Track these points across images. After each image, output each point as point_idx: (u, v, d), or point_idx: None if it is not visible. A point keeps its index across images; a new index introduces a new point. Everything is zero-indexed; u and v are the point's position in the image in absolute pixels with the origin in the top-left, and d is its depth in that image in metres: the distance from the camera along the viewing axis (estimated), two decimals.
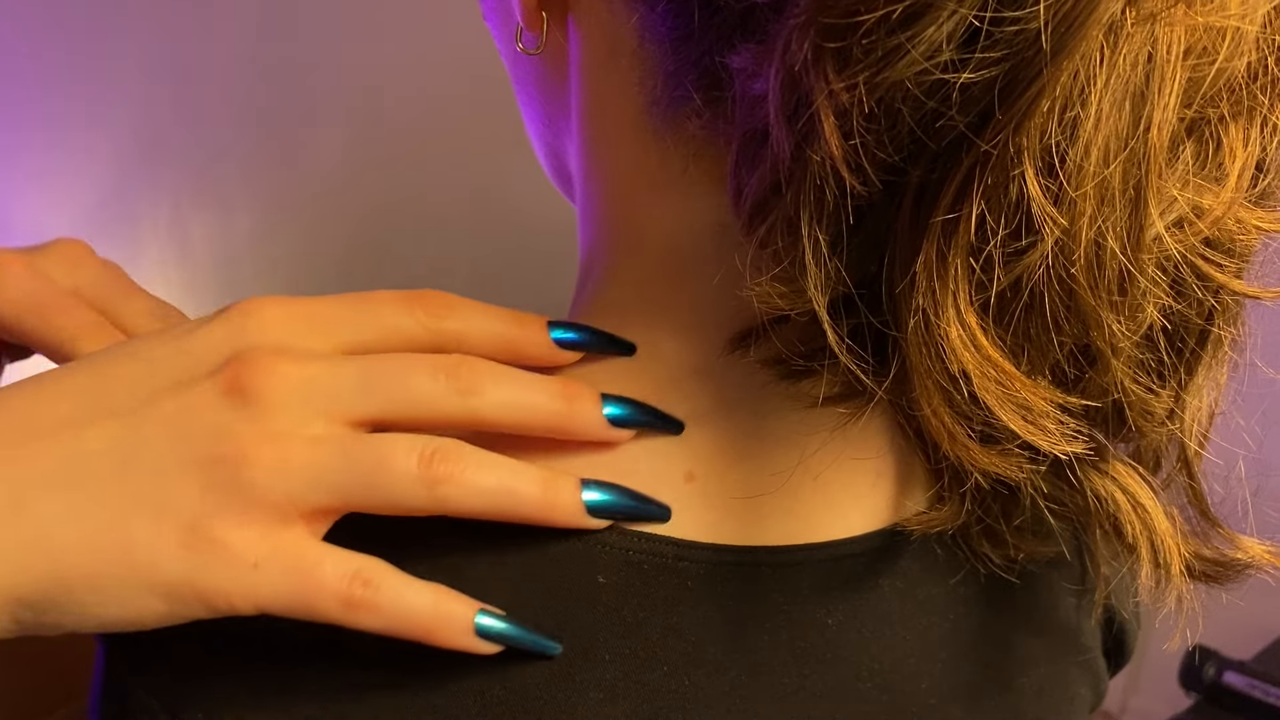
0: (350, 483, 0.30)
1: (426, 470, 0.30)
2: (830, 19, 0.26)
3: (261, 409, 0.30)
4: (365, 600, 0.30)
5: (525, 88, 0.41)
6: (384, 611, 0.30)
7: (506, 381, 0.32)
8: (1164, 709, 1.46)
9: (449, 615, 0.30)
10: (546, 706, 0.32)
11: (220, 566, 0.29)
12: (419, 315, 0.33)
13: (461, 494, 0.31)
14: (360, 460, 0.30)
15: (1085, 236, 0.27)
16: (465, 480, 0.31)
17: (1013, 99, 0.26)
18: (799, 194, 0.28)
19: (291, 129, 1.46)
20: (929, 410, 0.30)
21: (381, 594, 0.30)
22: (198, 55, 1.41)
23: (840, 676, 0.36)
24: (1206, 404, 0.34)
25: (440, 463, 0.30)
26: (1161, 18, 0.26)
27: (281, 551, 0.29)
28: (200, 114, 1.42)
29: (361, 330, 0.33)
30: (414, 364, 0.32)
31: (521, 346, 0.34)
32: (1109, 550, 0.38)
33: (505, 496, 0.31)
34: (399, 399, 0.31)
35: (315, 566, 0.30)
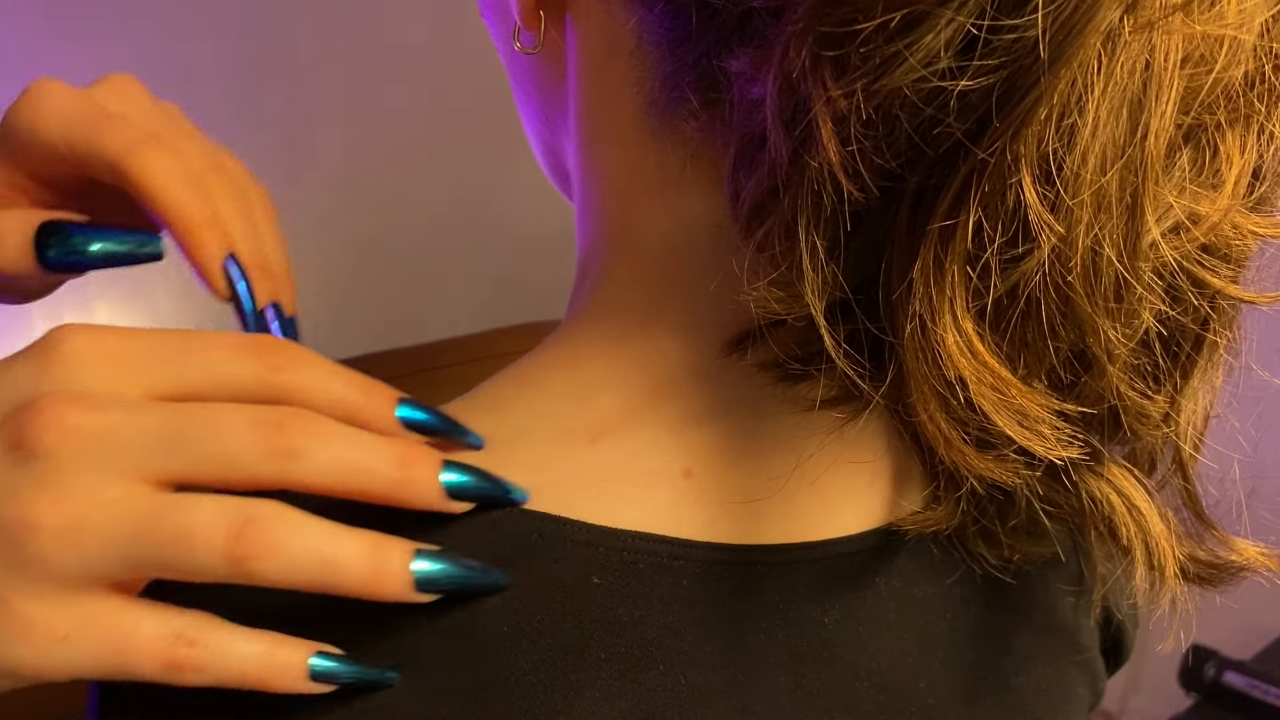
0: (146, 556, 0.27)
1: (233, 545, 0.27)
2: (828, 27, 0.26)
3: (49, 467, 0.27)
4: (189, 660, 0.28)
5: (523, 87, 0.41)
6: (211, 669, 0.28)
7: (336, 442, 0.29)
8: (1164, 709, 1.46)
9: (283, 665, 0.29)
10: (542, 706, 0.32)
11: (24, 642, 0.27)
12: (253, 364, 0.30)
13: (272, 570, 0.28)
14: (158, 530, 0.27)
15: (1082, 244, 0.27)
16: (277, 557, 0.28)
17: (1010, 107, 0.26)
18: (796, 199, 0.28)
19: (291, 130, 1.46)
20: (925, 415, 0.30)
21: (207, 651, 0.28)
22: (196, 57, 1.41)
23: (837, 676, 0.36)
24: (1202, 407, 0.34)
25: (249, 539, 0.27)
26: (1159, 26, 0.26)
27: (90, 621, 0.27)
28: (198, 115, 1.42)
29: (183, 374, 0.29)
30: (230, 417, 0.28)
31: (363, 417, 0.31)
32: (1104, 552, 0.38)
33: (323, 570, 0.28)
34: (208, 458, 0.28)
35: (131, 633, 0.28)
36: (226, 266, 0.36)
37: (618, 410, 0.35)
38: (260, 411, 0.29)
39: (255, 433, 0.28)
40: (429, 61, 1.45)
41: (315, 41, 1.47)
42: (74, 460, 0.27)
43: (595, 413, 0.35)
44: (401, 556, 0.30)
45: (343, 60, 1.48)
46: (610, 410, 0.35)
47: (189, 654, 0.28)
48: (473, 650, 0.32)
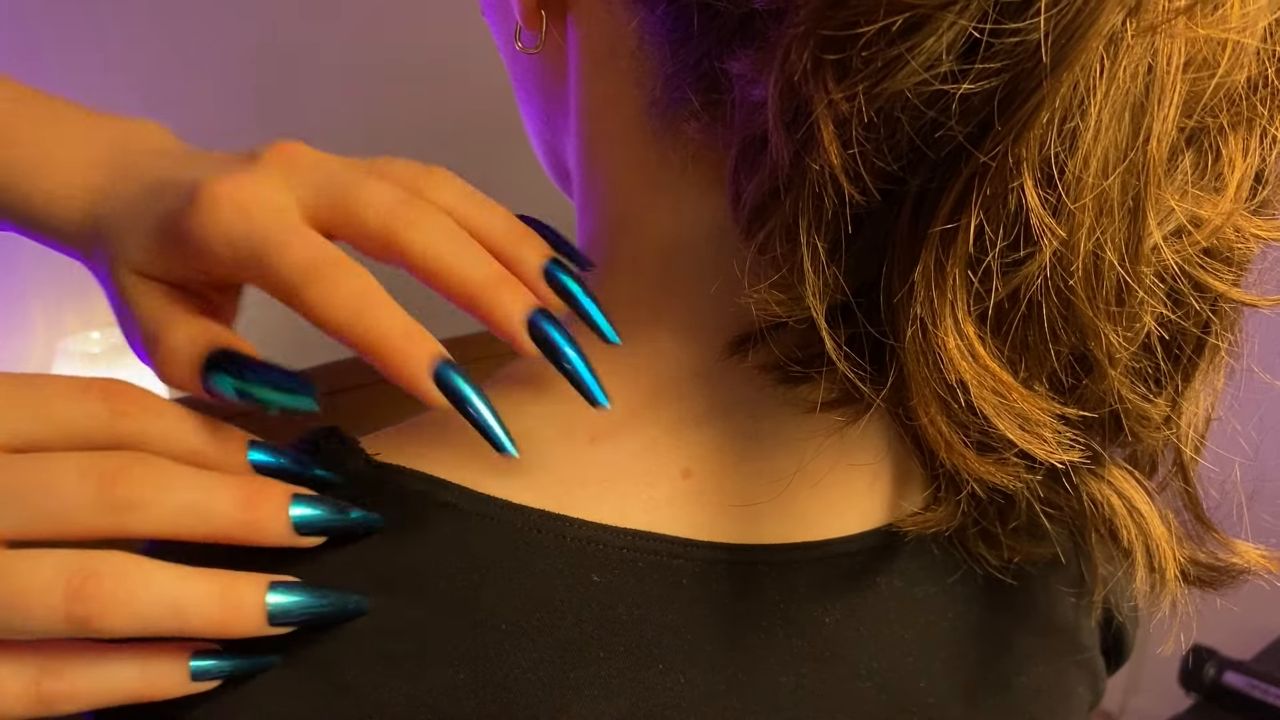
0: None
1: (73, 605, 0.27)
2: (830, 30, 0.26)
3: None
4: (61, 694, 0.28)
5: (524, 85, 0.41)
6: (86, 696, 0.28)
7: (176, 488, 0.28)
8: (1164, 709, 1.46)
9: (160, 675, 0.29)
10: (541, 704, 0.32)
11: None
12: (95, 408, 0.29)
13: (117, 624, 0.27)
14: None
15: (1083, 247, 0.27)
16: (121, 610, 0.27)
17: (1012, 110, 0.26)
18: (798, 201, 0.28)
19: (296, 127, 1.46)
20: (926, 419, 0.30)
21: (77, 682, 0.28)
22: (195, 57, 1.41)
23: (838, 675, 0.36)
24: (1203, 410, 0.34)
25: (89, 596, 0.27)
26: (1162, 29, 0.26)
27: None
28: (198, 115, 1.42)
29: (22, 424, 0.28)
30: (61, 468, 0.27)
31: (212, 464, 0.30)
32: (1105, 554, 0.38)
33: (172, 617, 0.28)
34: (41, 514, 0.27)
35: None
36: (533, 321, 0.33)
37: (618, 410, 0.35)
38: (93, 460, 0.28)
39: (86, 484, 0.27)
40: (429, 60, 1.45)
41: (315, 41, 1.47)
42: None
43: (595, 413, 0.35)
44: (254, 593, 0.29)
45: (343, 58, 1.48)
46: (611, 411, 0.35)
47: (57, 688, 0.28)
48: (471, 648, 0.32)
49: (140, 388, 0.30)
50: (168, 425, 0.30)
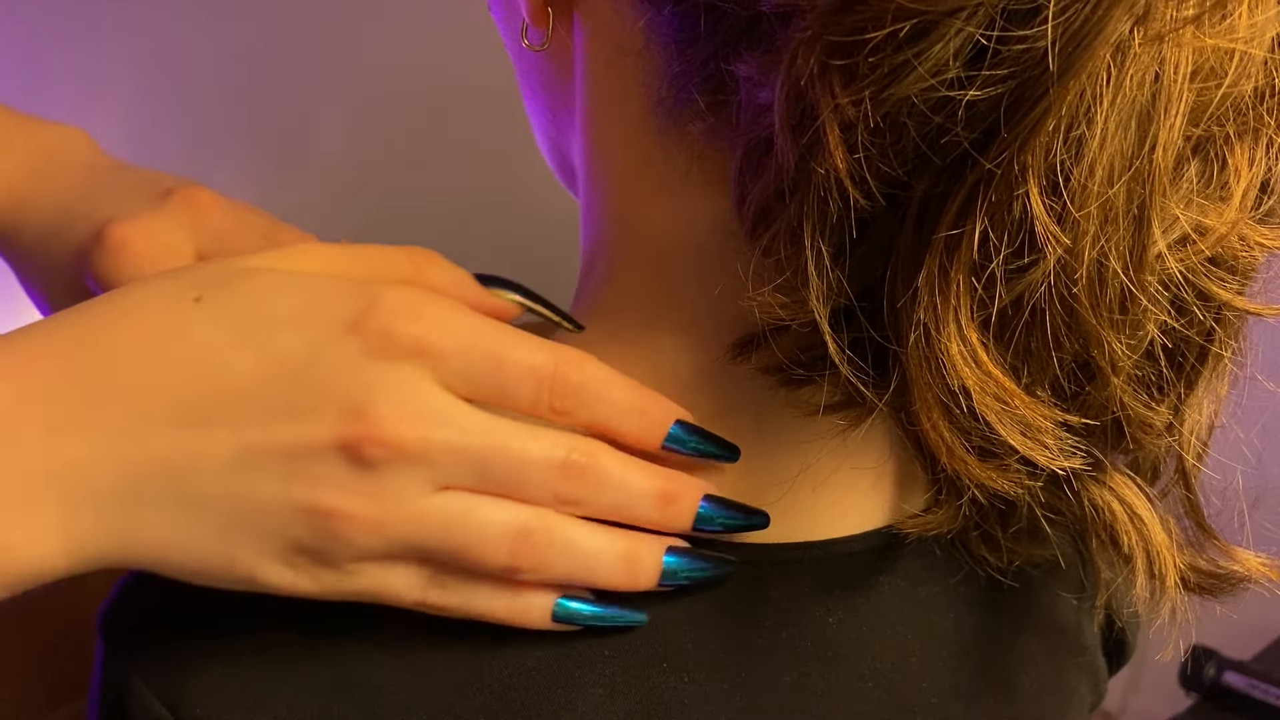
0: (437, 551, 0.30)
1: (512, 559, 0.31)
2: (837, 35, 0.26)
3: (375, 474, 0.29)
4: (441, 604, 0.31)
5: (530, 83, 0.41)
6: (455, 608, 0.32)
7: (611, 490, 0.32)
8: (1164, 709, 1.45)
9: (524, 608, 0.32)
10: (546, 703, 0.32)
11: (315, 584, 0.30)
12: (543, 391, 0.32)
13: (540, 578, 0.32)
14: (453, 539, 0.30)
15: (1088, 255, 0.27)
16: (545, 570, 0.31)
17: (1018, 117, 0.26)
18: (802, 204, 0.28)
19: (291, 130, 1.46)
20: (928, 424, 0.30)
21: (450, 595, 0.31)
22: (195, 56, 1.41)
23: (841, 675, 0.36)
24: (1206, 417, 0.34)
25: (527, 554, 0.31)
26: (1169, 39, 0.26)
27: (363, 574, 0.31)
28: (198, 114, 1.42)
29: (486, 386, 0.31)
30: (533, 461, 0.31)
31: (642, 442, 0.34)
32: (1106, 559, 0.38)
33: (583, 573, 0.32)
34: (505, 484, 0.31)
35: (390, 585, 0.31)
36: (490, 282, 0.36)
37: None
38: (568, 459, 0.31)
39: (549, 473, 0.31)
40: (432, 58, 1.45)
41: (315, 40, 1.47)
42: (395, 469, 0.29)
43: None
44: (654, 554, 0.33)
45: (344, 56, 1.48)
46: None
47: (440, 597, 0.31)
48: (477, 646, 0.32)
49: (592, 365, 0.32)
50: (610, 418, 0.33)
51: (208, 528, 0.29)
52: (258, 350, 0.29)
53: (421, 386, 0.30)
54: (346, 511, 0.29)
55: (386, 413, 0.29)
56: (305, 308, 0.30)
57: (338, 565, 0.30)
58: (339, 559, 0.30)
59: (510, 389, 0.31)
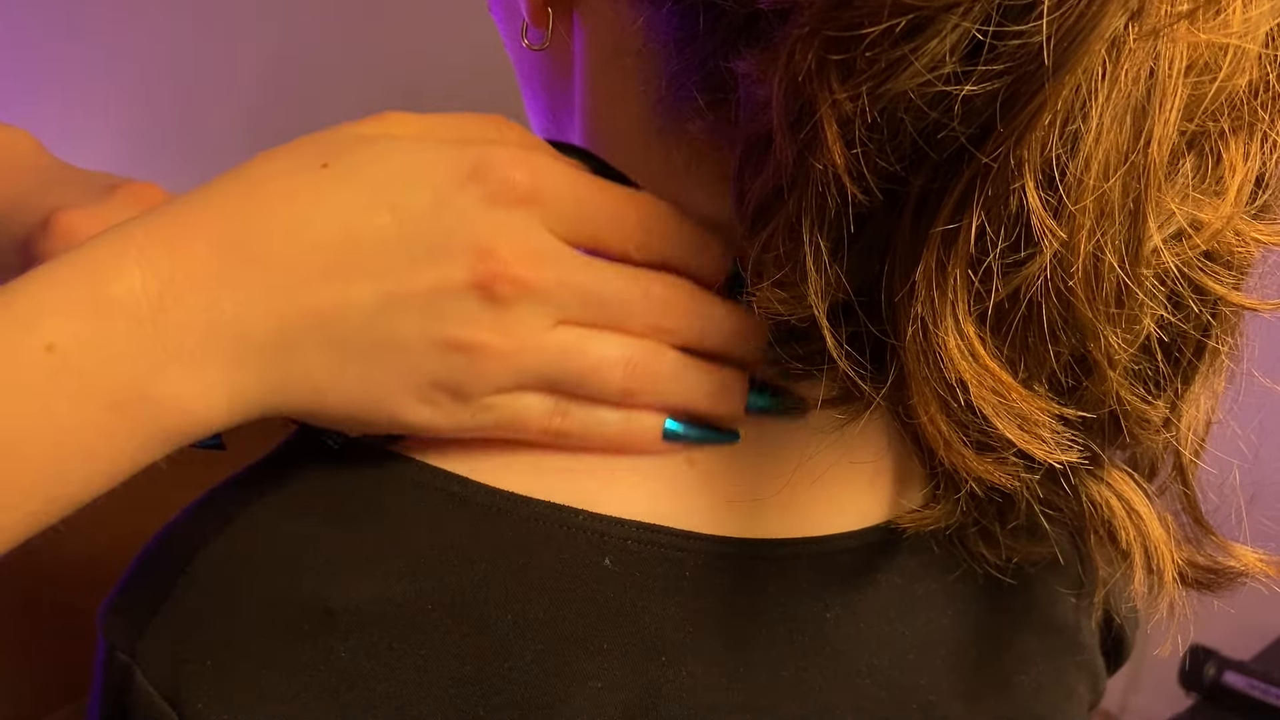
0: (563, 379, 0.33)
1: (627, 381, 0.34)
2: (834, 31, 0.26)
3: (505, 310, 0.32)
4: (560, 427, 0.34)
5: (530, 83, 0.41)
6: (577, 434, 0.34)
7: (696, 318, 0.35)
8: (1164, 709, 1.45)
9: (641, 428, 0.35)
10: (545, 695, 0.32)
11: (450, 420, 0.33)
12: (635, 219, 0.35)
13: (648, 400, 0.35)
14: (577, 361, 0.33)
15: (1084, 249, 0.27)
16: (653, 393, 0.34)
17: (1014, 112, 0.26)
18: (801, 200, 0.29)
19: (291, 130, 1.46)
20: (926, 417, 0.30)
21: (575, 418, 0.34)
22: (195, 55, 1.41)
23: (838, 671, 0.36)
24: (1203, 413, 0.34)
25: (638, 377, 0.34)
26: (1164, 34, 0.26)
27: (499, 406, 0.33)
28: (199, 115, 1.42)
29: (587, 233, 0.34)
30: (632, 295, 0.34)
31: None
32: (1104, 556, 0.38)
33: (685, 395, 0.35)
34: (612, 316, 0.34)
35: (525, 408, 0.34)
36: None
37: None
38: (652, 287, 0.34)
39: (647, 304, 0.34)
40: (431, 58, 1.45)
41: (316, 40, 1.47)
42: (526, 307, 0.32)
43: None
44: (741, 386, 0.36)
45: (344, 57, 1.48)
46: None
47: (561, 422, 0.34)
48: (477, 639, 0.32)
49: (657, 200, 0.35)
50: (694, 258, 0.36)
51: (358, 371, 0.32)
52: (390, 205, 0.32)
53: (536, 231, 0.33)
54: (483, 343, 0.32)
55: (511, 253, 0.32)
56: (427, 164, 0.32)
57: (473, 398, 0.33)
58: (476, 392, 0.33)
59: (602, 235, 0.34)
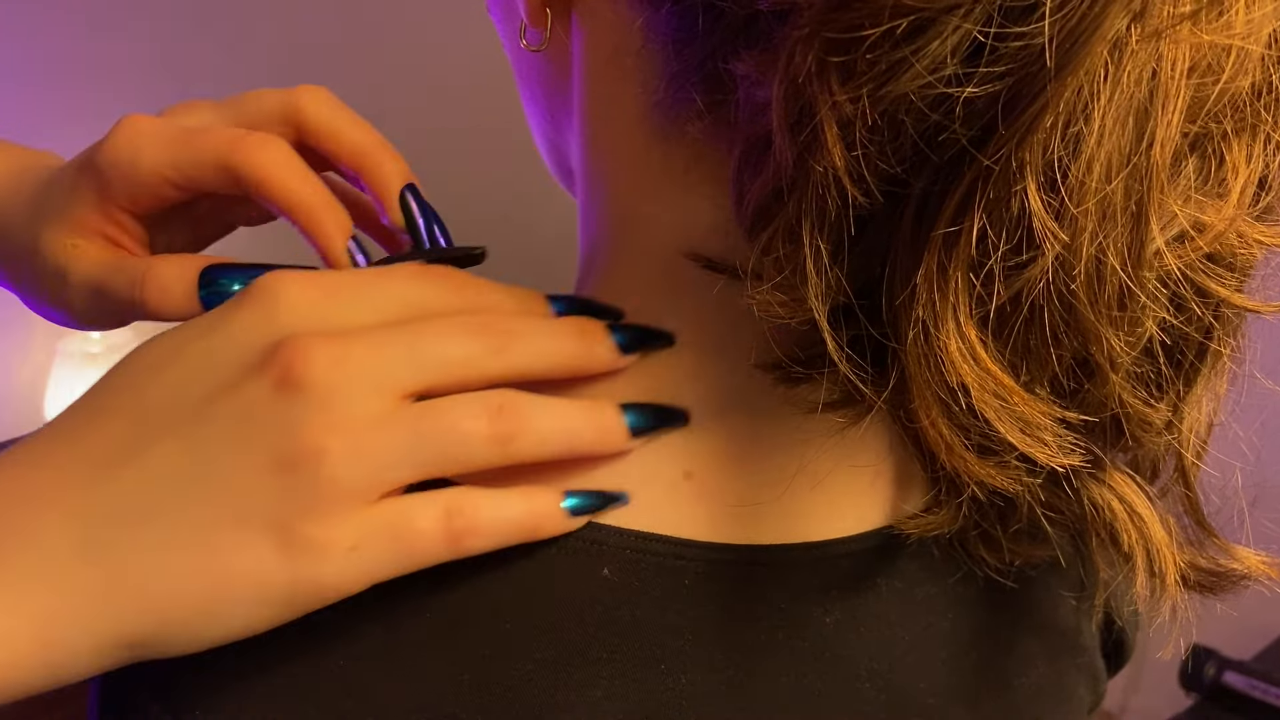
0: (428, 456, 0.31)
1: (497, 428, 0.31)
2: (834, 32, 0.26)
3: (319, 397, 0.29)
4: (465, 528, 0.31)
5: (528, 83, 0.41)
6: (486, 532, 0.31)
7: (532, 332, 0.33)
8: (1164, 709, 1.46)
9: (544, 510, 0.32)
10: (544, 705, 0.32)
11: (323, 562, 0.29)
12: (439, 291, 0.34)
13: (530, 444, 0.32)
14: (432, 431, 0.31)
15: (1086, 252, 0.27)
16: (532, 430, 0.32)
17: (1016, 114, 0.26)
18: (801, 202, 0.28)
19: None
20: (927, 421, 0.30)
21: (477, 516, 0.31)
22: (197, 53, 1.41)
23: (839, 676, 0.36)
24: (1205, 415, 0.34)
25: (508, 418, 0.31)
26: (1166, 35, 0.26)
27: (373, 527, 0.30)
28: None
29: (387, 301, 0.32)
30: (449, 329, 0.32)
31: None
32: (1105, 558, 0.38)
33: (567, 437, 0.33)
34: (444, 366, 0.31)
35: (409, 524, 0.30)
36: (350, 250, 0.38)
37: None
38: (469, 319, 0.32)
39: (474, 337, 0.32)
40: (431, 59, 1.45)
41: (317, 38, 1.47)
42: (340, 387, 0.30)
43: None
44: (614, 412, 0.34)
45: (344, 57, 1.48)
46: None
47: (463, 524, 0.31)
48: (475, 648, 0.32)
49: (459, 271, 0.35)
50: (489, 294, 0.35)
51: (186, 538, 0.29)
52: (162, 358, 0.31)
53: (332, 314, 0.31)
54: (313, 448, 0.29)
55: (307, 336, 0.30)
56: None
57: (338, 519, 0.29)
58: (334, 509, 0.29)
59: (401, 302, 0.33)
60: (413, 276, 0.33)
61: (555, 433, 0.32)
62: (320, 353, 0.30)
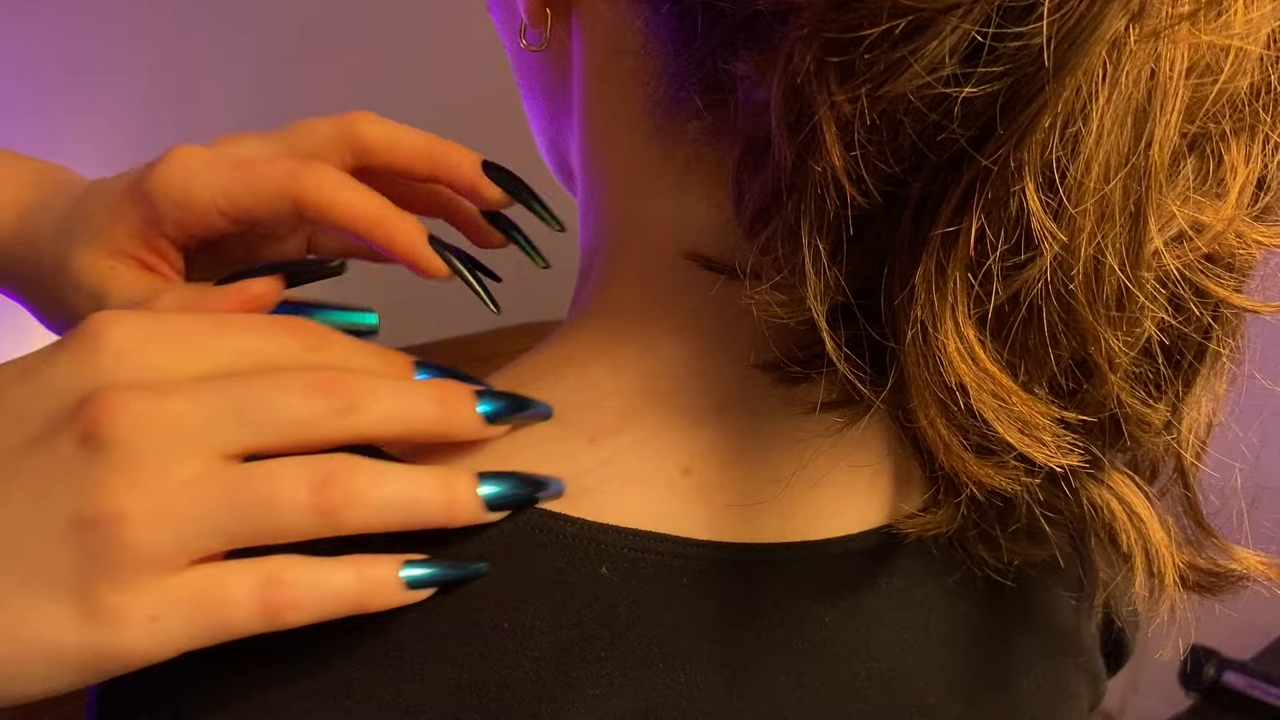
0: (238, 525, 0.28)
1: (320, 499, 0.29)
2: (833, 32, 0.26)
3: (124, 456, 0.27)
4: (285, 601, 0.29)
5: (528, 83, 0.41)
6: (308, 604, 0.29)
7: (385, 393, 0.31)
8: (1164, 709, 1.46)
9: (376, 581, 0.30)
10: (543, 704, 0.32)
11: (121, 630, 0.27)
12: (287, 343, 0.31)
13: (360, 516, 0.29)
14: (245, 498, 0.28)
15: (1084, 252, 0.27)
16: (362, 501, 0.29)
17: (1014, 114, 0.26)
18: (800, 203, 0.28)
19: None
20: (925, 421, 0.30)
21: (299, 588, 0.29)
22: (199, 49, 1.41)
23: (838, 674, 0.36)
24: (1204, 416, 0.34)
25: (333, 488, 0.29)
26: (1165, 35, 0.26)
27: (179, 595, 0.28)
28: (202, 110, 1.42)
29: (225, 356, 0.30)
30: (287, 385, 0.29)
31: None
32: (1104, 558, 0.38)
33: (406, 508, 0.30)
34: (276, 425, 0.29)
35: (221, 593, 0.28)
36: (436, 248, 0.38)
37: (618, 409, 0.35)
38: (310, 376, 0.30)
39: (313, 395, 0.29)
40: (430, 59, 1.45)
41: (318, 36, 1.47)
42: (148, 446, 0.28)
43: (595, 411, 0.35)
44: (468, 483, 0.31)
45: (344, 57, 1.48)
46: (610, 409, 0.35)
47: (282, 595, 0.29)
48: (473, 647, 0.32)
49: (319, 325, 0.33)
50: (349, 352, 0.32)
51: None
52: None
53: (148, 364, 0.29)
54: (114, 511, 0.27)
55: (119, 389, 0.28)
56: None
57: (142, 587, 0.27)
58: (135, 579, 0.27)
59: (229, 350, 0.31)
60: (257, 326, 0.31)
61: (392, 503, 0.30)
62: (129, 407, 0.28)
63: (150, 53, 1.41)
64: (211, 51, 1.43)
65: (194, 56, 1.42)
